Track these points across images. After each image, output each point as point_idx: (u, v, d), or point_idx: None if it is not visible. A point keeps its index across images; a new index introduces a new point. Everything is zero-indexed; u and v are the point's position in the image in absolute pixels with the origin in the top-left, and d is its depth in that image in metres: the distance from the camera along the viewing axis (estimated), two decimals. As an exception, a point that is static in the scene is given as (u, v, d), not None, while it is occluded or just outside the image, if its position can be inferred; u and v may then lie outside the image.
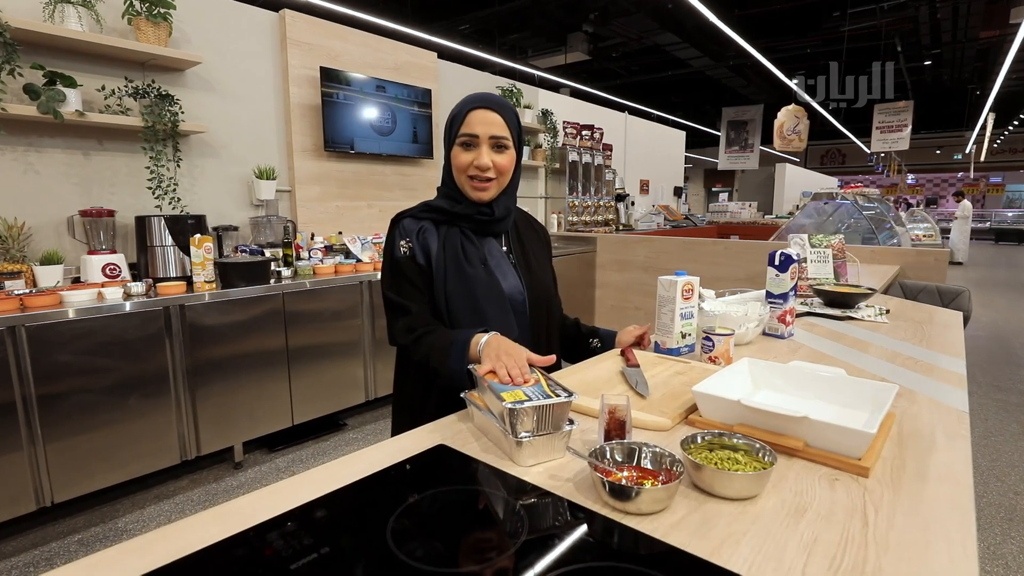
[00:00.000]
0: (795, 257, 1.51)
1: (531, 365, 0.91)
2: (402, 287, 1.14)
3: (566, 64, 9.21)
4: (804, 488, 0.71)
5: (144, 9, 2.55)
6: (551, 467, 0.77)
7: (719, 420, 0.88)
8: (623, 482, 0.66)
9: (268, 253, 2.93)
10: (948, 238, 11.30)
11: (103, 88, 2.52)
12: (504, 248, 1.24)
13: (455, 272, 1.14)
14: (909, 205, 11.80)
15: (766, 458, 0.71)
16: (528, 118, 4.89)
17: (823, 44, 9.60)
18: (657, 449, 0.71)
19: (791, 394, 1.01)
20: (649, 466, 0.70)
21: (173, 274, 2.59)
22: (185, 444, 2.42)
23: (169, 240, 2.58)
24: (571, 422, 0.79)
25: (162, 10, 2.59)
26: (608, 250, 4.79)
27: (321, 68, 3.30)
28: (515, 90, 4.74)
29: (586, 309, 4.83)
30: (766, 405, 0.81)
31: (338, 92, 3.39)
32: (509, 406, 0.73)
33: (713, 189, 19.20)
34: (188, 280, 2.51)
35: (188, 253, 2.52)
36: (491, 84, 4.68)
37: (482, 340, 0.99)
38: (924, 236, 9.73)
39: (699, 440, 0.75)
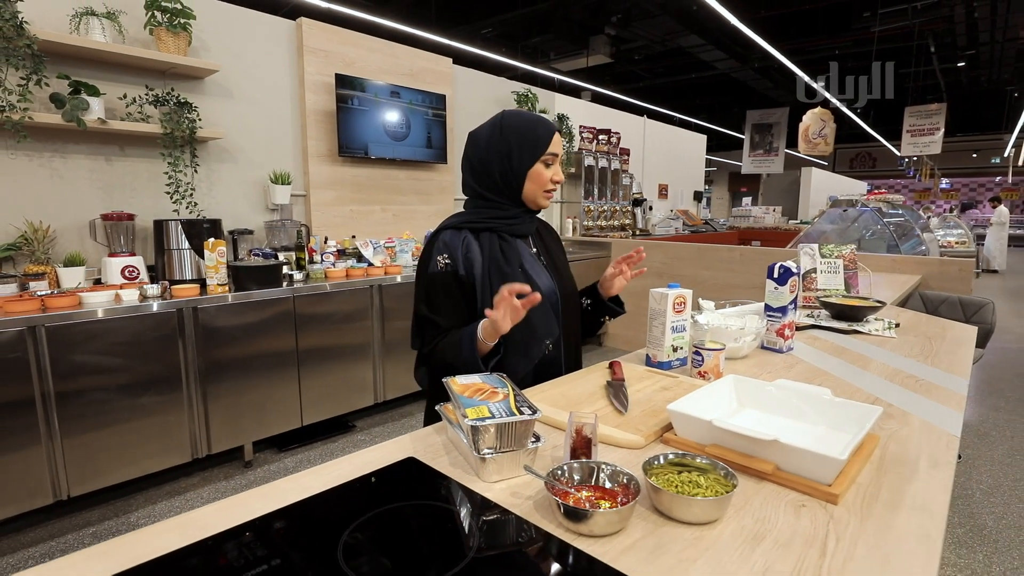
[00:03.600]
0: (795, 270, 1.47)
1: (501, 377, 0.92)
2: (436, 302, 1.18)
3: (588, 67, 9.17)
4: (768, 514, 0.70)
5: (165, 20, 2.63)
6: (515, 484, 0.77)
7: (693, 440, 0.87)
8: (578, 503, 0.66)
9: (282, 256, 2.99)
10: (983, 244, 10.89)
11: (125, 96, 2.61)
12: (533, 250, 1.31)
13: (498, 278, 1.17)
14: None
15: (730, 481, 0.70)
16: (544, 123, 4.88)
17: (854, 45, 9.36)
18: (617, 468, 0.70)
19: (775, 414, 0.99)
20: (608, 486, 0.70)
21: (189, 276, 2.66)
22: (196, 442, 2.48)
23: (185, 243, 2.65)
24: (537, 438, 0.79)
25: (182, 20, 2.67)
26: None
27: (336, 75, 3.36)
28: (530, 95, 4.74)
29: (600, 314, 4.80)
30: (737, 426, 0.79)
31: (353, 98, 3.44)
32: (471, 423, 0.74)
33: (740, 192, 18.87)
34: (203, 283, 2.58)
35: (203, 256, 2.59)
36: (506, 89, 4.69)
37: (482, 323, 1.08)
38: (956, 243, 9.40)
39: (662, 461, 0.74)
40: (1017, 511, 2.31)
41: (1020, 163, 12.03)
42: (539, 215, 1.34)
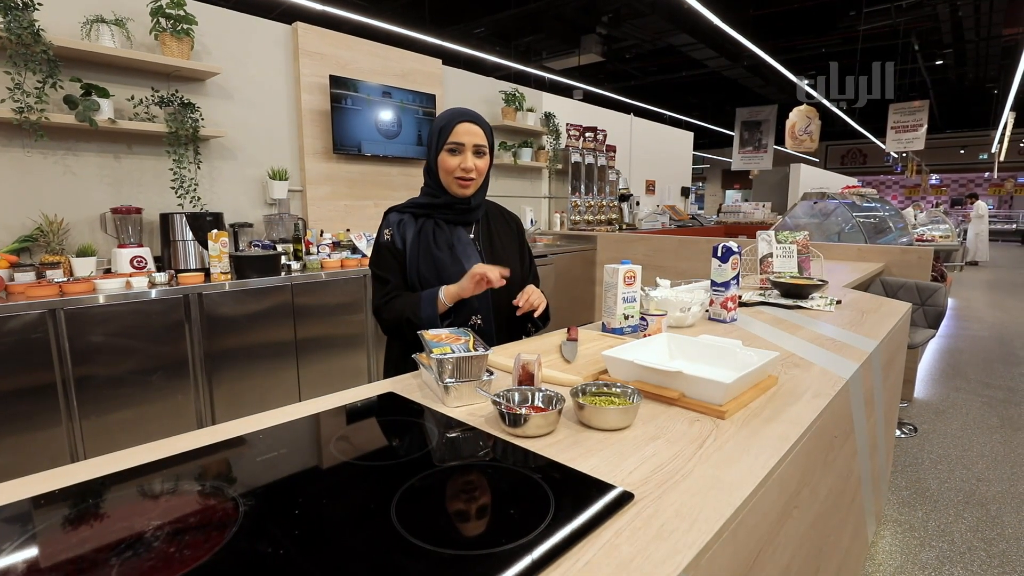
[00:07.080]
0: (736, 250, 1.67)
1: (466, 330, 1.11)
2: (382, 263, 1.44)
3: (580, 65, 9.35)
4: (668, 425, 0.89)
5: (169, 26, 2.81)
6: (472, 408, 0.96)
7: (622, 378, 1.06)
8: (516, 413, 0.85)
9: (280, 248, 3.17)
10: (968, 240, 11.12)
11: (132, 98, 2.79)
12: (472, 236, 1.48)
13: (425, 255, 1.41)
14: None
15: (635, 401, 0.89)
16: (531, 121, 5.07)
17: (842, 43, 9.55)
18: (548, 391, 0.89)
19: (697, 361, 1.18)
20: (541, 404, 0.89)
21: (193, 266, 2.84)
22: (202, 421, 2.66)
23: (189, 235, 2.83)
24: (490, 372, 0.98)
25: (185, 26, 2.85)
26: (608, 248, 4.94)
27: (331, 76, 3.54)
28: (517, 94, 4.92)
29: (586, 305, 4.99)
30: (650, 363, 0.98)
31: (347, 98, 3.62)
32: (436, 357, 0.93)
33: (733, 188, 19.08)
34: (206, 272, 2.76)
35: (206, 247, 2.77)
36: (494, 88, 4.88)
37: (445, 287, 1.33)
38: (941, 237, 9.59)
39: (587, 391, 0.93)
40: (960, 475, 2.51)
41: (1002, 158, 12.27)
42: (506, 206, 1.52)
